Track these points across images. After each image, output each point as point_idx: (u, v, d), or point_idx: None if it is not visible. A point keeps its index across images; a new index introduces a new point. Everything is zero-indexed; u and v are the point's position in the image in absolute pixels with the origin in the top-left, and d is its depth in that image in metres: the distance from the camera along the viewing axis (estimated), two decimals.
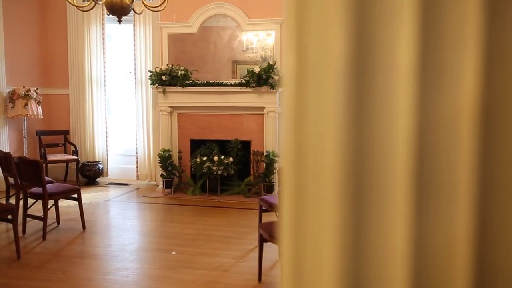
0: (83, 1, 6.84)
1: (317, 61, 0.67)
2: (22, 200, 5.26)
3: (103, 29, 7.93)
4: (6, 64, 7.30)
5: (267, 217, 4.89)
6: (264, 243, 3.84)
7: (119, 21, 4.42)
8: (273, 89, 6.69)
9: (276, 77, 6.62)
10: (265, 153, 6.90)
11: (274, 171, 6.80)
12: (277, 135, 6.94)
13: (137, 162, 7.97)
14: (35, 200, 5.33)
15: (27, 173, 4.97)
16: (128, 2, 4.22)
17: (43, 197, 4.93)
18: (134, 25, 7.66)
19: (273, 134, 6.89)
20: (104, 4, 4.25)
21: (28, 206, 5.17)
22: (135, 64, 7.79)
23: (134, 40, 7.75)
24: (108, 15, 4.47)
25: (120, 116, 8.41)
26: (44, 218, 4.95)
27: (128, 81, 8.10)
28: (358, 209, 0.68)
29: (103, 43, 7.96)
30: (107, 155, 8.12)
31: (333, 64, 0.66)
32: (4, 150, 5.58)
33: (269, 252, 4.27)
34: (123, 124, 8.38)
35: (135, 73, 7.82)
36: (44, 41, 8.18)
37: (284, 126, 0.73)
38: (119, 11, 4.31)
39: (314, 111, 0.69)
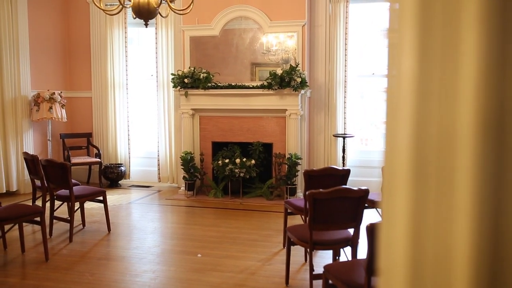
0: (108, 4, 6.91)
1: (444, 63, 0.63)
2: (48, 202, 5.33)
3: (125, 32, 8.00)
4: (31, 67, 7.40)
5: (292, 220, 4.88)
6: (292, 246, 3.82)
7: (146, 25, 4.45)
8: (295, 91, 6.67)
9: (298, 79, 6.59)
10: (287, 156, 6.88)
11: (297, 173, 6.77)
12: (299, 138, 6.91)
13: (158, 165, 8.01)
14: (61, 202, 5.40)
15: (54, 175, 5.02)
16: (155, 6, 4.24)
17: (70, 200, 4.97)
18: (156, 28, 7.71)
19: (295, 137, 6.87)
20: (131, 8, 4.27)
21: (55, 208, 5.23)
22: (156, 67, 7.84)
23: (156, 43, 7.80)
24: (135, 18, 4.49)
25: (141, 119, 8.46)
26: (70, 220, 5.00)
27: (149, 84, 8.16)
28: (496, 213, 0.63)
29: (126, 46, 8.03)
30: (129, 158, 8.19)
31: (467, 65, 0.61)
32: (26, 152, 5.64)
33: (296, 255, 4.26)
34: (145, 127, 8.44)
35: (156, 76, 7.87)
36: (68, 44, 8.29)
37: (390, 131, 0.70)
38: (145, 15, 4.34)
39: (440, 115, 0.64)
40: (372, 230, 2.60)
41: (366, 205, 3.54)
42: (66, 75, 8.31)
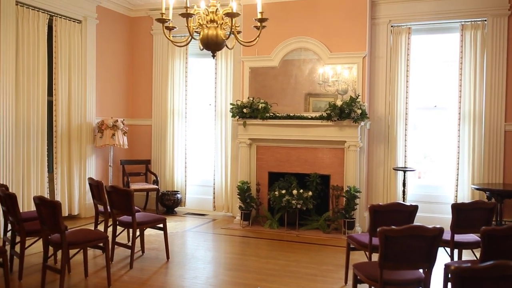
0: (175, 36, 7.12)
1: None
2: (110, 227, 5.43)
3: (186, 63, 8.21)
4: (96, 95, 7.70)
5: (352, 256, 4.71)
6: (358, 284, 3.67)
7: (213, 56, 4.52)
8: (355, 122, 6.57)
9: (358, 111, 6.50)
10: (345, 188, 6.74)
11: (355, 207, 6.61)
12: (358, 170, 6.76)
13: (214, 193, 8.05)
14: (123, 228, 5.48)
15: (117, 201, 5.12)
16: (223, 38, 4.31)
17: (132, 226, 5.04)
18: (216, 59, 7.87)
19: (354, 169, 6.72)
20: (199, 40, 4.36)
21: (117, 234, 5.31)
22: (215, 96, 7.97)
23: (216, 73, 7.95)
24: (202, 50, 4.58)
25: (199, 147, 8.57)
26: (132, 247, 5.05)
27: (208, 113, 8.28)
28: None
29: (186, 76, 8.23)
30: (186, 185, 8.28)
31: None
32: (92, 178, 5.79)
33: None
34: (202, 155, 8.53)
35: (215, 105, 7.98)
36: (131, 74, 8.60)
37: None
38: (213, 47, 4.40)
39: None
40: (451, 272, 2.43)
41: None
42: (129, 103, 8.59)
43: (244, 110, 7.09)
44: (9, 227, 5.07)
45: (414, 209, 4.22)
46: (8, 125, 6.18)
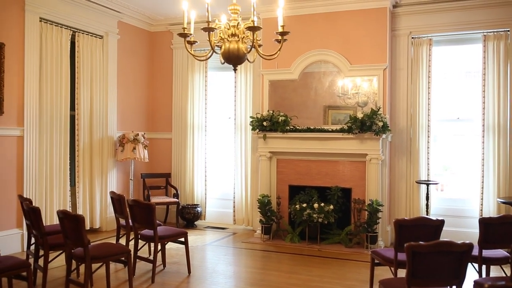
0: (196, 50, 7.18)
1: None
2: (131, 241, 5.43)
3: (205, 76, 8.26)
4: (117, 110, 7.78)
5: (376, 271, 4.62)
6: None
7: (235, 70, 4.52)
8: (377, 135, 6.50)
9: (380, 123, 6.43)
10: (367, 202, 6.65)
11: (378, 220, 6.51)
12: (380, 183, 6.68)
13: (234, 207, 8.02)
14: (144, 243, 5.47)
15: (139, 215, 5.12)
16: (244, 52, 4.31)
17: (154, 240, 5.03)
18: (235, 72, 7.87)
19: (376, 182, 6.64)
20: (221, 54, 4.37)
21: (138, 248, 5.31)
22: (235, 109, 7.98)
23: (235, 86, 7.97)
24: (223, 63, 4.59)
25: (218, 160, 8.57)
26: (153, 261, 5.04)
27: (227, 126, 8.29)
28: None
29: (205, 90, 8.27)
30: (206, 199, 8.27)
31: None
32: (114, 192, 5.81)
33: None
34: (222, 168, 8.53)
35: (234, 119, 7.99)
36: (151, 89, 8.68)
37: None
38: (235, 60, 4.40)
39: None
40: None
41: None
42: (149, 116, 8.66)
43: (264, 123, 7.08)
44: (33, 240, 5.11)
45: (440, 223, 4.13)
46: (32, 139, 6.27)
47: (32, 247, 5.13)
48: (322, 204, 6.66)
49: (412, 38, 7.05)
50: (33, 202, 5.52)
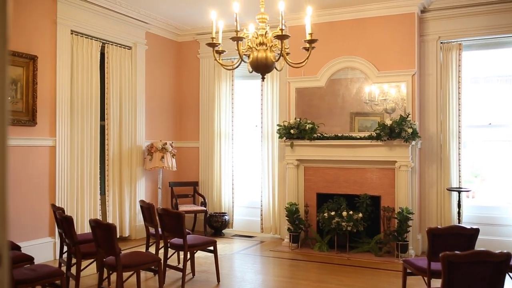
0: (224, 59, 7.24)
1: None
2: (161, 249, 5.47)
3: (232, 85, 8.30)
4: (146, 119, 7.88)
5: (408, 281, 4.54)
6: None
7: (263, 78, 4.54)
8: (406, 142, 6.41)
9: (409, 130, 6.34)
10: (397, 210, 6.55)
11: (408, 229, 6.39)
12: (410, 191, 6.57)
13: (261, 215, 8.01)
14: (174, 251, 5.50)
15: (169, 224, 5.16)
16: (273, 60, 4.32)
17: (183, 248, 5.05)
18: (263, 81, 7.88)
19: (406, 190, 6.53)
20: (249, 63, 4.39)
21: (168, 257, 5.34)
22: (261, 117, 7.99)
23: (262, 94, 7.99)
24: (251, 72, 4.61)
25: (246, 168, 8.59)
26: (183, 269, 5.05)
27: (254, 134, 8.31)
28: None
29: (232, 98, 8.31)
30: (233, 207, 8.28)
31: None
32: (143, 200, 5.87)
33: None
34: (249, 176, 8.53)
35: (261, 127, 8.00)
36: (178, 97, 8.77)
37: None
38: (263, 69, 4.42)
39: None
40: None
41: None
42: (176, 125, 8.74)
43: (291, 131, 7.06)
44: (65, 249, 5.20)
45: (475, 232, 4.03)
46: (64, 149, 6.40)
47: (65, 256, 5.21)
48: (351, 212, 6.59)
49: (441, 43, 6.95)
50: (65, 211, 5.61)
